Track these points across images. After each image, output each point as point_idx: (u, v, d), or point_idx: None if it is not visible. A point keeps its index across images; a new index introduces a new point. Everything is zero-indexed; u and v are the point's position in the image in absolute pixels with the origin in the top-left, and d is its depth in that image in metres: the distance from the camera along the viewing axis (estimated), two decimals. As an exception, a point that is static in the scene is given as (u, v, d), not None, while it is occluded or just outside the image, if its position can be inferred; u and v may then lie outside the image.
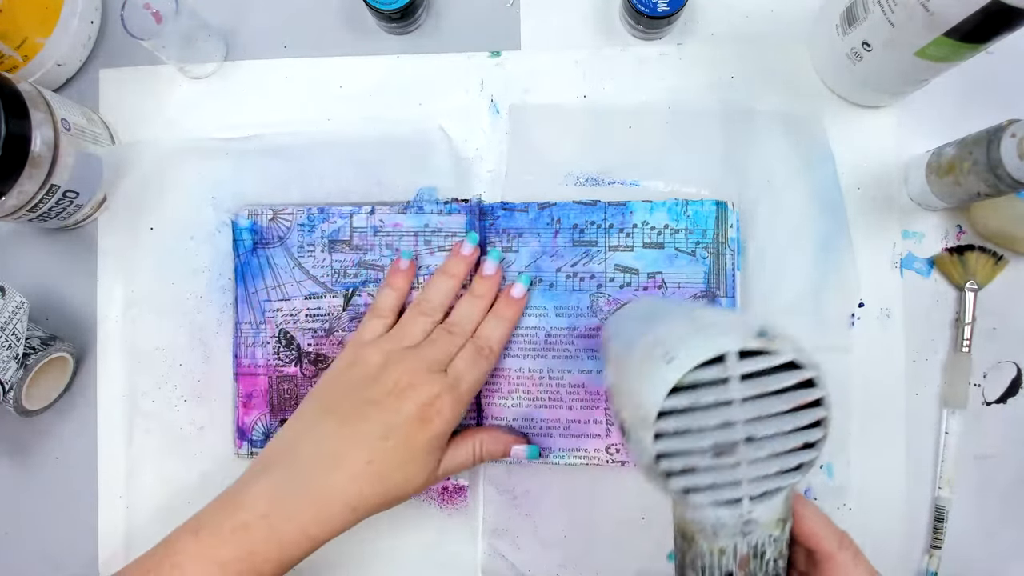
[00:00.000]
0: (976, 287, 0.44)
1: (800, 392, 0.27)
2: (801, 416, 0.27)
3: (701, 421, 0.27)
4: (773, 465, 0.27)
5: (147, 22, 0.45)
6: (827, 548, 0.30)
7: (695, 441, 0.27)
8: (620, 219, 0.45)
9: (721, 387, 0.26)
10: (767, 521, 0.28)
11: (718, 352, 0.26)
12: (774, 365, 0.26)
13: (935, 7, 0.34)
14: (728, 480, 0.27)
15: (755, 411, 0.27)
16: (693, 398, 0.26)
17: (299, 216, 0.47)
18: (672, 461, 0.27)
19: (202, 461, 0.48)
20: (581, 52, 0.48)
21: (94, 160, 0.46)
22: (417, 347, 0.41)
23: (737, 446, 0.27)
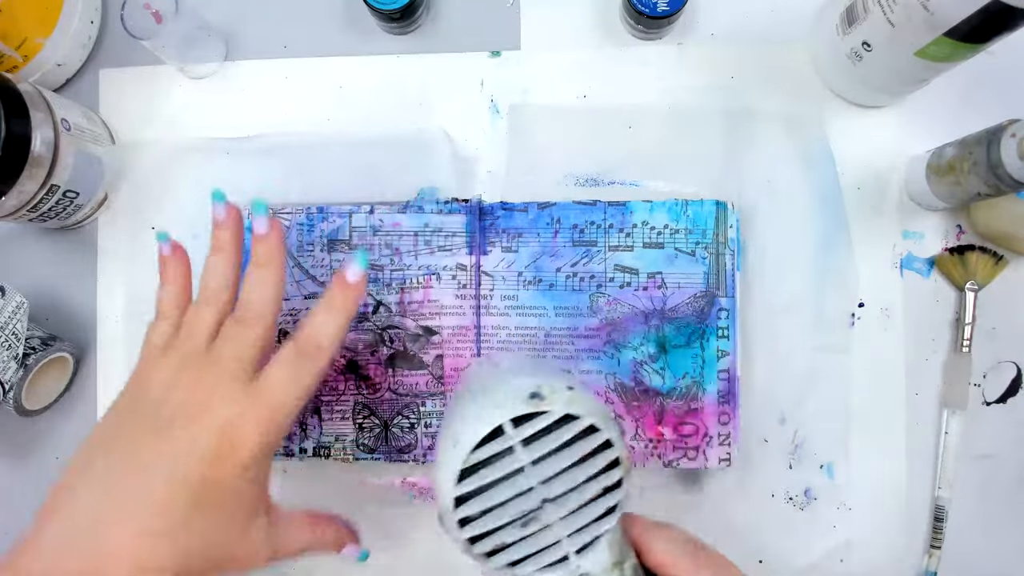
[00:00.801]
0: (976, 287, 0.44)
1: (586, 440, 0.28)
2: (594, 463, 0.28)
3: (497, 497, 0.27)
4: (583, 516, 0.28)
5: (147, 22, 0.45)
6: (686, 574, 0.28)
7: (500, 517, 0.27)
8: (620, 219, 0.45)
9: (510, 457, 0.27)
10: (601, 570, 0.28)
11: (492, 426, 0.27)
12: (551, 422, 0.27)
13: (935, 7, 0.34)
14: (546, 543, 0.28)
15: (547, 471, 0.27)
16: (481, 476, 0.27)
17: (298, 215, 0.47)
18: (484, 543, 0.27)
19: None
20: (581, 52, 0.48)
21: (94, 160, 0.46)
22: (209, 349, 0.33)
23: (542, 509, 0.27)
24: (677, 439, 0.44)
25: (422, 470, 0.47)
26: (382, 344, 0.46)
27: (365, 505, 0.47)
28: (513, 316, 0.46)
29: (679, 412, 0.44)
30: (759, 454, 0.45)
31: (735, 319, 0.44)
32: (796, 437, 0.45)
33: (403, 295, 0.46)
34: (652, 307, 0.45)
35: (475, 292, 0.46)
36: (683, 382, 0.44)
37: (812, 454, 0.45)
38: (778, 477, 0.45)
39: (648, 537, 0.29)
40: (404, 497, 0.47)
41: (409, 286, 0.46)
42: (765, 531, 0.45)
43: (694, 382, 0.44)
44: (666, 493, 0.46)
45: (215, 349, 0.33)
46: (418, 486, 0.47)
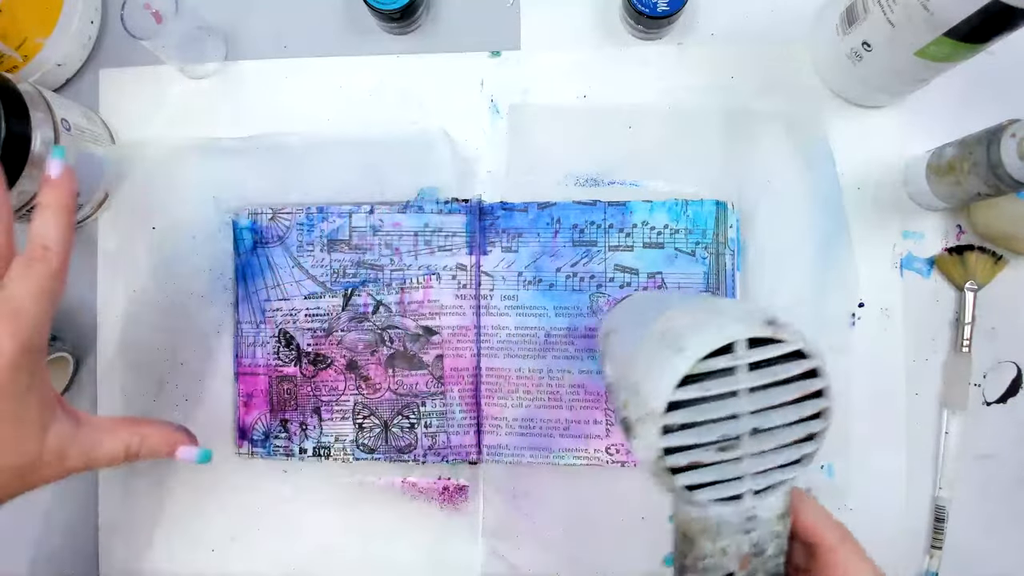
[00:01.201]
0: (976, 287, 0.44)
1: (804, 382, 0.26)
2: (804, 407, 0.27)
3: (709, 413, 0.26)
4: (776, 458, 0.27)
5: (147, 22, 0.45)
6: (829, 542, 0.29)
7: (702, 435, 0.26)
8: (620, 219, 0.45)
9: (729, 377, 0.26)
10: (769, 517, 0.28)
11: (729, 340, 0.25)
12: (781, 354, 0.26)
13: (935, 7, 0.34)
14: (731, 475, 0.27)
15: (761, 402, 0.26)
16: (702, 388, 0.25)
17: (298, 215, 0.47)
18: (678, 457, 0.26)
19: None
20: (581, 52, 0.48)
21: (94, 160, 0.46)
22: None
23: (741, 439, 0.26)
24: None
25: (422, 470, 0.47)
26: (382, 344, 0.46)
27: (365, 505, 0.47)
28: (513, 316, 0.46)
29: (679, 412, 0.44)
30: (759, 454, 0.45)
31: (735, 319, 0.44)
32: (796, 437, 0.45)
33: (403, 295, 0.46)
34: (652, 307, 0.45)
35: (475, 292, 0.46)
36: (683, 382, 0.44)
37: (812, 454, 0.45)
38: (778, 477, 0.45)
39: (799, 500, 0.30)
40: (404, 497, 0.47)
41: (409, 286, 0.46)
42: (765, 531, 0.45)
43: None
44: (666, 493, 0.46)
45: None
46: (418, 486, 0.47)
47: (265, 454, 0.47)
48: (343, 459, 0.46)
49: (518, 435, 0.45)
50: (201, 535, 0.48)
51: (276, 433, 0.47)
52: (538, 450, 0.45)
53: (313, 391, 0.46)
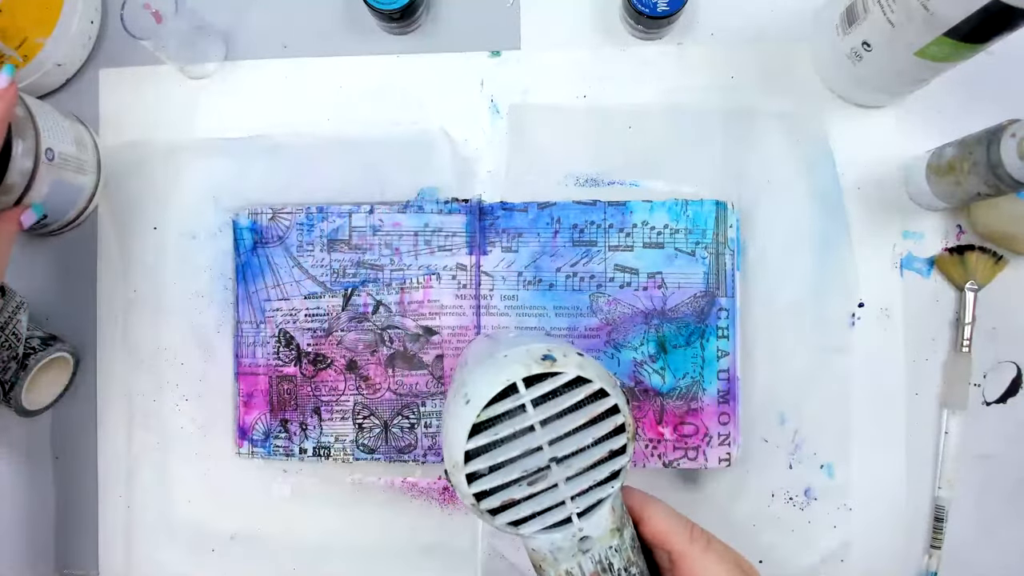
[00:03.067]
0: (976, 287, 0.44)
1: (593, 405, 0.28)
2: (601, 426, 0.28)
3: (506, 453, 0.27)
4: (588, 479, 0.28)
5: (147, 22, 0.45)
6: (678, 546, 0.30)
7: (508, 474, 0.28)
8: (620, 219, 0.45)
9: (520, 416, 0.27)
10: (602, 534, 0.29)
11: (505, 384, 0.27)
12: (562, 384, 0.28)
13: (935, 7, 0.34)
14: (550, 503, 0.28)
15: (556, 431, 0.28)
16: (493, 433, 0.27)
17: (298, 215, 0.47)
18: (491, 499, 0.28)
19: (203, 460, 0.48)
20: (581, 52, 0.48)
21: (71, 188, 0.46)
22: None
23: (549, 469, 0.28)
24: (677, 439, 0.44)
25: (422, 470, 0.47)
26: (382, 344, 0.46)
27: (365, 505, 0.47)
28: (513, 316, 0.46)
29: (679, 412, 0.44)
30: (759, 454, 0.45)
31: (735, 319, 0.44)
32: (796, 437, 0.45)
33: (403, 295, 0.46)
34: (652, 307, 0.45)
35: (475, 292, 0.46)
36: (683, 382, 0.44)
37: (812, 454, 0.45)
38: (778, 477, 0.45)
39: (646, 508, 0.30)
40: (404, 497, 0.47)
41: (409, 286, 0.46)
42: (765, 531, 0.45)
43: (694, 382, 0.44)
44: (666, 493, 0.46)
45: None
46: (418, 486, 0.47)
47: (265, 454, 0.47)
48: (343, 459, 0.46)
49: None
50: (201, 535, 0.48)
51: (276, 433, 0.47)
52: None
53: (313, 391, 0.46)
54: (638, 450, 0.44)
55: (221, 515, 0.48)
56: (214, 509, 0.48)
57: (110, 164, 0.49)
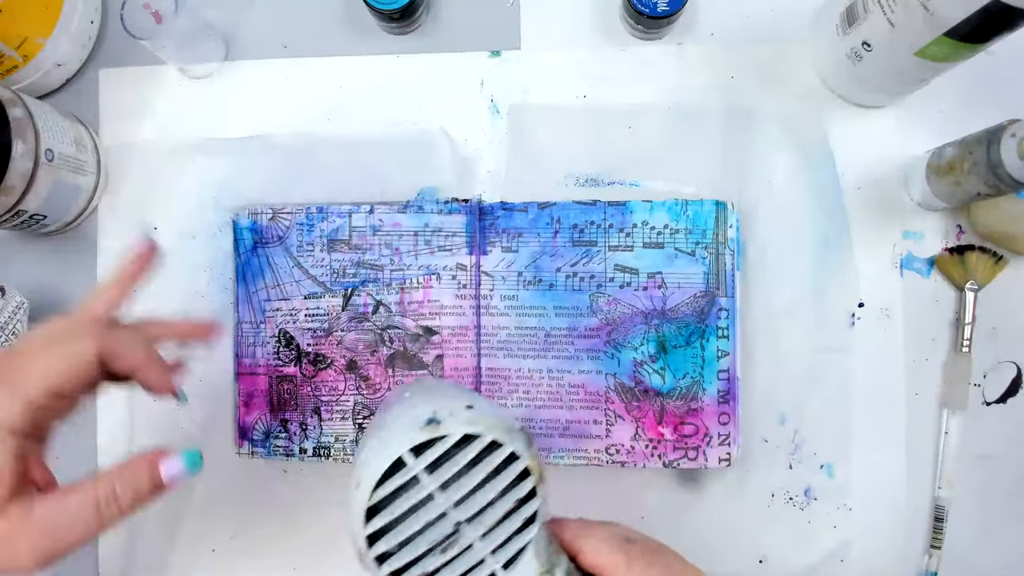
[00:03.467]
0: (976, 287, 0.44)
1: (491, 456, 0.27)
2: (503, 477, 0.28)
3: (410, 528, 0.27)
4: (503, 531, 0.28)
5: (147, 22, 0.45)
6: (617, 574, 0.28)
7: (416, 548, 0.27)
8: (620, 219, 0.45)
9: (416, 487, 0.27)
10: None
11: (391, 459, 0.27)
12: (451, 446, 0.27)
13: (935, 7, 0.34)
14: (470, 564, 0.27)
15: (457, 494, 0.27)
16: (390, 512, 0.27)
17: (298, 215, 0.47)
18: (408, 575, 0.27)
19: (204, 460, 0.48)
20: (581, 52, 0.48)
21: (70, 189, 0.46)
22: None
23: (459, 532, 0.27)
24: (677, 439, 0.44)
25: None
26: (382, 344, 0.46)
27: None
28: (513, 316, 0.46)
29: (679, 412, 0.44)
30: (759, 454, 0.45)
31: (735, 319, 0.44)
32: (796, 437, 0.45)
33: (403, 295, 0.46)
34: (652, 307, 0.45)
35: (475, 292, 0.46)
36: (683, 382, 0.44)
37: (812, 454, 0.45)
38: (778, 477, 0.45)
39: (579, 539, 0.29)
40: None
41: (409, 286, 0.46)
42: (765, 531, 0.45)
43: (694, 382, 0.44)
44: (666, 493, 0.46)
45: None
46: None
47: (265, 454, 0.47)
48: (343, 459, 0.46)
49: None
50: (201, 535, 0.48)
51: (276, 433, 0.47)
52: (539, 450, 0.45)
53: (313, 391, 0.46)
54: (639, 450, 0.44)
55: (221, 515, 0.48)
56: (214, 509, 0.48)
57: (110, 164, 0.49)
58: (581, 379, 0.45)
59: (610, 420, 0.45)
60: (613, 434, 0.45)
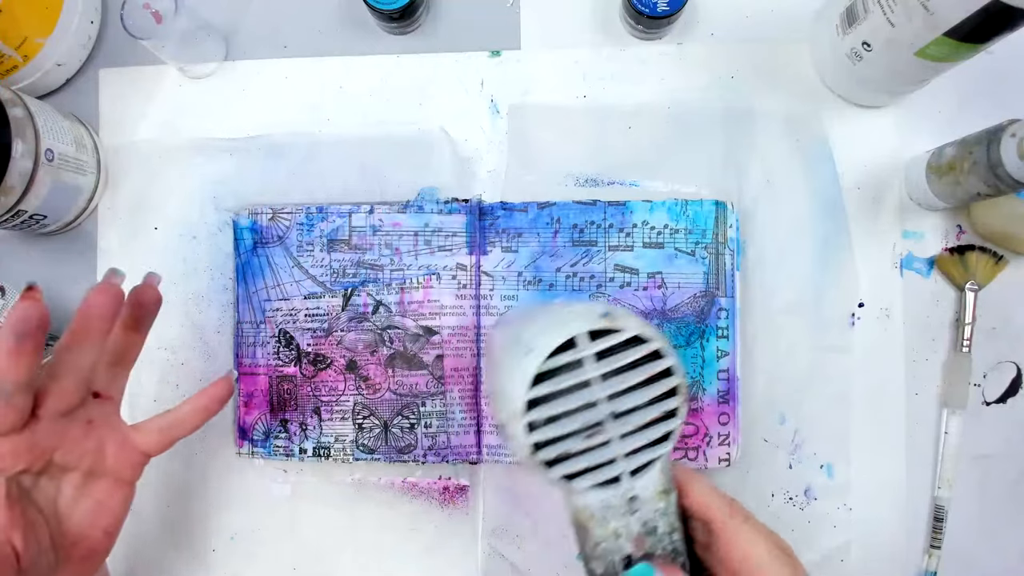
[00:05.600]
0: (976, 287, 0.44)
1: (651, 364, 0.28)
2: (655, 387, 0.29)
3: (566, 405, 0.28)
4: (641, 438, 0.29)
5: (147, 22, 0.45)
6: (718, 517, 0.30)
7: (565, 426, 0.28)
8: (620, 219, 0.45)
9: (579, 369, 0.28)
10: (650, 495, 0.29)
11: (568, 336, 0.28)
12: (621, 341, 0.28)
13: (935, 7, 0.34)
14: (603, 459, 0.28)
15: (613, 387, 0.28)
16: (554, 383, 0.28)
17: (298, 215, 0.47)
18: (548, 450, 0.28)
19: (203, 460, 0.48)
20: (581, 52, 0.48)
21: (69, 189, 0.46)
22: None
23: (604, 424, 0.28)
24: (677, 439, 0.44)
25: (422, 470, 0.47)
26: (382, 344, 0.46)
27: (365, 505, 0.47)
28: (513, 316, 0.46)
29: (679, 412, 0.44)
30: (759, 454, 0.45)
31: (735, 319, 0.44)
32: (796, 437, 0.46)
33: (403, 295, 0.46)
34: (652, 307, 0.45)
35: (475, 292, 0.46)
36: (683, 382, 0.44)
37: (812, 454, 0.45)
38: (778, 477, 0.45)
39: (689, 480, 0.31)
40: (404, 497, 0.47)
41: (409, 286, 0.46)
42: (765, 531, 0.45)
43: (694, 382, 0.44)
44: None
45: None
46: (418, 486, 0.47)
47: (265, 454, 0.47)
48: (343, 459, 0.46)
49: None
50: (201, 535, 0.48)
51: (276, 433, 0.47)
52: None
53: (313, 391, 0.46)
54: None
55: (221, 515, 0.48)
56: (214, 509, 0.48)
57: (110, 164, 0.49)
58: (581, 379, 0.45)
59: (610, 420, 0.45)
60: (613, 434, 0.45)
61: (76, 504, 0.35)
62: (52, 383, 0.33)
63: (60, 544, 0.34)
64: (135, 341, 0.38)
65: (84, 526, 0.35)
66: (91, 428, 0.35)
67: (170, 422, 0.38)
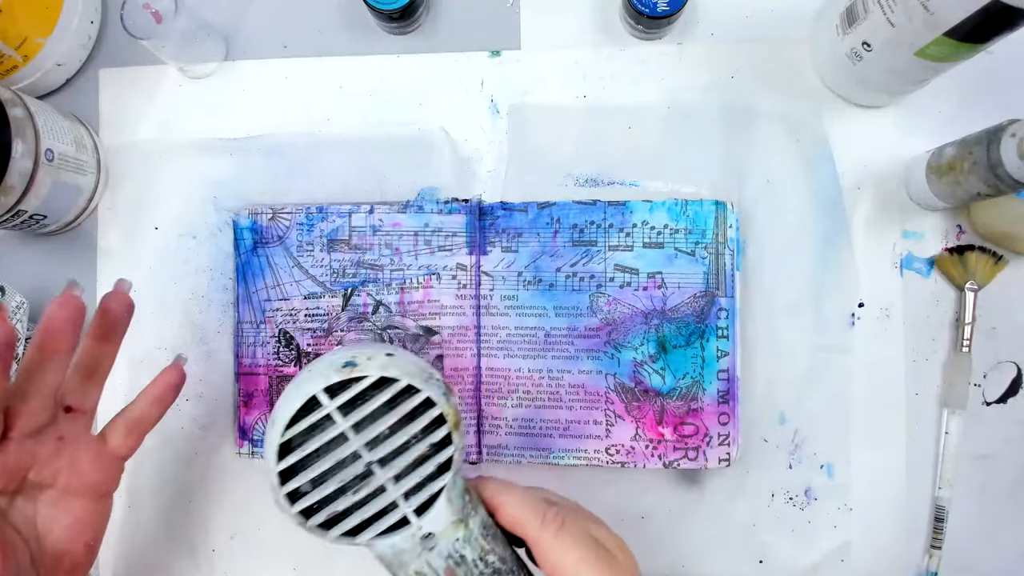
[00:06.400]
0: (976, 287, 0.44)
1: (407, 401, 0.28)
2: (418, 422, 0.28)
3: (321, 467, 0.27)
4: (416, 476, 0.28)
5: (147, 22, 0.45)
6: (530, 532, 0.29)
7: (326, 487, 0.27)
8: (620, 219, 0.45)
9: (331, 427, 0.27)
10: (444, 528, 0.28)
11: (305, 398, 0.27)
12: (366, 387, 0.27)
13: (935, 7, 0.34)
14: (381, 507, 0.28)
15: (370, 435, 0.27)
16: (302, 450, 0.27)
17: (298, 215, 0.47)
18: (317, 516, 0.28)
19: (204, 460, 0.48)
20: (581, 52, 0.48)
21: (69, 189, 0.46)
22: None
23: (371, 474, 0.27)
24: (677, 439, 0.44)
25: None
26: (382, 344, 0.46)
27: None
28: (513, 316, 0.46)
29: (679, 412, 0.44)
30: (759, 454, 0.46)
31: (735, 319, 0.44)
32: (796, 437, 0.46)
33: (403, 295, 0.46)
34: (652, 307, 0.45)
35: (475, 292, 0.46)
36: (683, 382, 0.44)
37: (812, 454, 0.45)
38: (778, 477, 0.45)
39: (499, 496, 0.30)
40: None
41: (409, 286, 0.46)
42: (765, 531, 0.45)
43: (694, 382, 0.44)
44: (666, 493, 0.46)
45: None
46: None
47: (265, 454, 0.47)
48: (343, 459, 0.46)
49: (518, 435, 0.45)
50: (201, 535, 0.48)
51: (276, 433, 0.47)
52: (538, 450, 0.45)
53: (313, 391, 0.46)
54: (638, 450, 0.44)
55: (221, 515, 0.48)
56: (214, 509, 0.48)
57: (110, 164, 0.49)
58: (581, 379, 0.45)
59: (610, 420, 0.45)
60: (613, 434, 0.45)
61: (55, 521, 0.34)
62: (20, 403, 0.32)
63: (41, 563, 0.33)
64: (106, 352, 0.37)
65: (65, 542, 0.34)
66: (63, 444, 0.34)
67: (134, 418, 0.38)
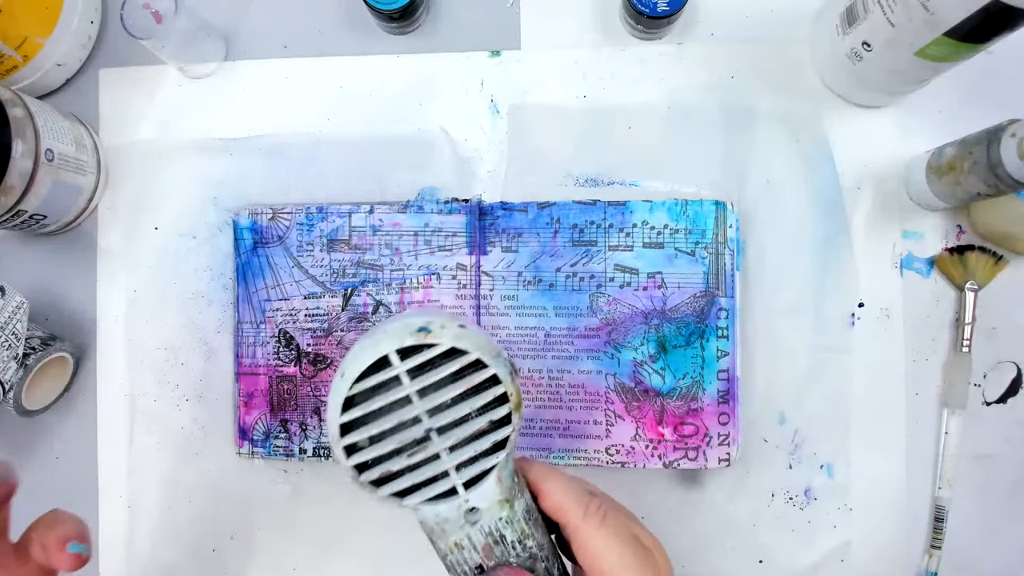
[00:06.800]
0: (976, 287, 0.44)
1: (472, 375, 0.28)
2: (481, 397, 0.28)
3: (382, 425, 0.27)
4: (471, 449, 0.28)
5: (147, 22, 0.45)
6: (572, 521, 0.29)
7: (384, 446, 0.27)
8: (620, 219, 0.45)
9: (397, 387, 0.27)
10: (489, 505, 0.29)
11: (377, 356, 0.27)
12: (437, 355, 0.27)
13: (935, 7, 0.34)
14: (433, 474, 0.28)
15: (434, 402, 0.27)
16: (366, 405, 0.27)
17: (298, 215, 0.47)
18: (370, 472, 0.28)
19: (204, 460, 0.48)
20: (581, 52, 0.48)
21: (69, 189, 0.46)
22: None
23: (429, 440, 0.28)
24: (677, 439, 0.44)
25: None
26: (382, 344, 0.46)
27: (365, 505, 0.47)
28: (513, 316, 0.46)
29: (679, 412, 0.44)
30: (759, 454, 0.46)
31: (735, 319, 0.44)
32: (796, 437, 0.46)
33: (403, 295, 0.46)
34: (652, 307, 0.45)
35: (475, 292, 0.46)
36: (683, 382, 0.44)
37: (812, 454, 0.45)
38: (778, 477, 0.45)
39: (543, 482, 0.30)
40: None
41: (409, 286, 0.46)
42: (765, 531, 0.45)
43: (694, 382, 0.44)
44: (666, 493, 0.46)
45: None
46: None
47: (265, 454, 0.47)
48: (343, 459, 0.46)
49: (518, 435, 0.45)
50: (201, 535, 0.48)
51: (276, 433, 0.47)
52: (538, 450, 0.45)
53: (313, 391, 0.46)
54: (638, 450, 0.44)
55: (221, 515, 0.48)
56: (214, 509, 0.48)
57: (110, 164, 0.49)
58: (581, 379, 0.45)
59: (610, 420, 0.45)
60: (613, 434, 0.45)
61: None
62: None
63: None
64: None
65: None
66: None
67: None
